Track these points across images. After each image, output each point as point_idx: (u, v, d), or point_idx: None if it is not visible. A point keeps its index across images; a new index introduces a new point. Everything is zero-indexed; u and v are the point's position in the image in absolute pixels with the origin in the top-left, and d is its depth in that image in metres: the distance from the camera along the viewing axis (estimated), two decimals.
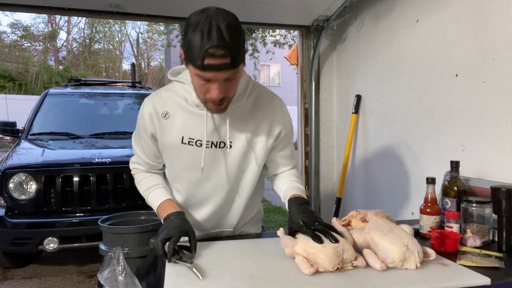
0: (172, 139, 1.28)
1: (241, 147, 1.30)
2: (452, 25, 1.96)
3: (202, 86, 1.12)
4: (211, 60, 1.04)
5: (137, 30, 36.16)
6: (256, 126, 1.32)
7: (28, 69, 19.67)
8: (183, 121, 1.27)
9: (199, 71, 1.07)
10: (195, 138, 1.27)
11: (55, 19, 24.44)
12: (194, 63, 1.06)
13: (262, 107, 1.33)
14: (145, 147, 1.37)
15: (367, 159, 2.82)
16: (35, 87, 18.81)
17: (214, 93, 1.11)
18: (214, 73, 1.07)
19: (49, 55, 24.95)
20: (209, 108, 1.20)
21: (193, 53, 1.05)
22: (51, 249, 3.05)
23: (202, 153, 1.27)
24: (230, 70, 1.08)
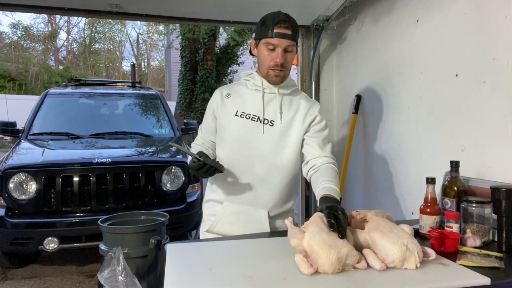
0: (229, 112, 1.58)
1: (281, 126, 1.56)
2: (452, 25, 1.96)
3: (268, 56, 1.50)
4: (279, 29, 1.48)
5: (137, 30, 36.14)
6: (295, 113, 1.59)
7: (28, 69, 19.67)
8: (241, 99, 1.59)
9: (269, 39, 1.48)
10: (246, 112, 1.56)
11: (55, 19, 24.44)
12: (266, 34, 1.49)
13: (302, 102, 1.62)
14: (206, 125, 1.67)
15: (367, 159, 2.82)
16: (35, 87, 18.80)
17: (277, 56, 1.49)
18: (280, 39, 1.47)
19: (49, 55, 24.94)
20: (270, 76, 1.53)
21: (265, 27, 1.49)
22: (51, 249, 3.05)
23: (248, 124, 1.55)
24: (290, 41, 1.49)
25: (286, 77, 1.59)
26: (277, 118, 1.56)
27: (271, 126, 1.56)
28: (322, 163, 1.54)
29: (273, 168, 1.56)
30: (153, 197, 3.40)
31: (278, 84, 1.57)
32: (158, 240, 2.26)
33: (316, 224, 1.14)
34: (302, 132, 1.58)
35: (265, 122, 1.56)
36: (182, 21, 3.10)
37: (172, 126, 4.61)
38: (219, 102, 1.60)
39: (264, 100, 1.57)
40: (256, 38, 1.55)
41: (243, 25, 3.19)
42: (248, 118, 1.56)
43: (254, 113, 1.56)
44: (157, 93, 5.26)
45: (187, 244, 1.34)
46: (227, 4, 2.72)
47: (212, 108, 1.62)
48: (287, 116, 1.58)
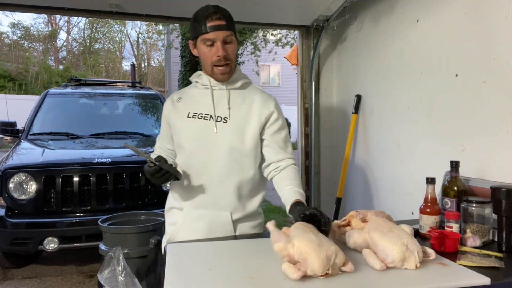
0: (181, 115, 1.54)
1: (235, 122, 1.50)
2: (452, 25, 1.96)
3: (208, 52, 1.45)
4: (211, 22, 1.42)
5: (137, 30, 36.15)
6: (249, 108, 1.54)
7: (28, 69, 19.66)
8: (191, 101, 1.56)
9: (204, 35, 1.42)
10: (198, 112, 1.52)
11: (55, 19, 24.43)
12: (200, 32, 1.43)
13: (256, 96, 1.57)
14: (162, 135, 1.64)
15: (367, 159, 2.82)
16: (35, 87, 18.80)
17: (218, 51, 1.43)
18: (215, 32, 1.42)
19: (49, 55, 24.94)
20: (215, 74, 1.49)
21: (198, 25, 1.44)
22: (51, 249, 3.05)
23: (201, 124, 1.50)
24: (226, 31, 1.43)
25: (233, 71, 1.54)
26: (229, 114, 1.51)
27: (224, 123, 1.50)
28: (285, 166, 1.52)
29: (229, 167, 1.48)
30: (153, 197, 3.40)
31: (226, 80, 1.52)
32: (158, 240, 2.26)
33: (300, 228, 1.13)
34: (258, 129, 1.51)
35: (217, 119, 1.50)
36: (182, 21, 3.10)
37: None
38: (170, 108, 1.57)
39: (214, 97, 1.52)
40: (192, 38, 1.50)
41: (243, 25, 3.20)
42: (201, 118, 1.51)
43: (206, 112, 1.51)
44: (157, 93, 5.26)
45: (187, 244, 1.34)
46: (227, 4, 2.71)
47: (165, 116, 1.59)
48: (240, 111, 1.52)
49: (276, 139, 1.54)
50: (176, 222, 1.55)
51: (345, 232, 1.30)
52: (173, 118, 1.55)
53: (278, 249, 1.09)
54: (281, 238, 1.10)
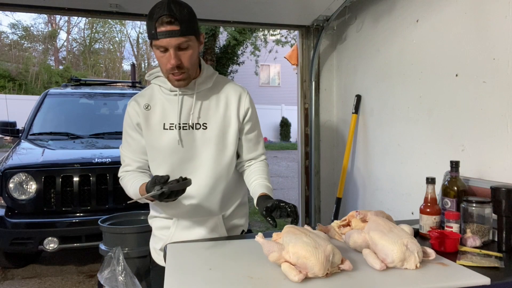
0: (155, 127, 1.41)
1: (215, 128, 1.43)
2: (452, 25, 1.96)
3: (162, 58, 1.31)
4: (162, 27, 1.25)
5: (137, 30, 36.16)
6: (226, 109, 1.46)
7: (28, 69, 19.65)
8: (162, 109, 1.42)
9: (155, 41, 1.27)
10: (175, 122, 1.40)
11: (55, 19, 24.43)
12: (152, 36, 1.27)
13: (230, 94, 1.48)
14: (132, 145, 1.46)
15: (367, 159, 2.82)
16: (35, 87, 18.79)
17: (170, 59, 1.29)
18: (166, 39, 1.25)
19: (49, 55, 24.94)
20: (171, 81, 1.36)
21: (150, 27, 1.27)
22: (51, 249, 3.05)
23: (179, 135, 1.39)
24: (180, 37, 1.26)
25: (192, 76, 1.39)
26: (208, 119, 1.43)
27: (204, 129, 1.42)
28: (256, 162, 1.54)
29: (217, 173, 1.44)
30: None
31: (183, 86, 1.38)
32: None
33: (291, 232, 1.12)
34: (237, 130, 1.47)
35: (196, 127, 1.42)
36: None
37: None
38: (140, 114, 1.41)
39: (186, 103, 1.41)
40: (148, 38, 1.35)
41: (243, 25, 3.19)
42: (179, 129, 1.40)
43: (183, 121, 1.40)
44: None
45: (187, 244, 1.34)
46: (227, 4, 2.72)
47: (134, 124, 1.43)
48: (218, 114, 1.44)
49: (249, 137, 1.52)
50: (168, 226, 1.48)
51: (345, 232, 1.31)
52: (146, 129, 1.41)
53: (274, 259, 1.07)
54: (274, 247, 1.09)
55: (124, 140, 1.49)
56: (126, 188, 1.44)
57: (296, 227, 1.16)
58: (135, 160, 1.47)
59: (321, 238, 1.10)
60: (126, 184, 1.44)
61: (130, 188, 1.41)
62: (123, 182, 1.47)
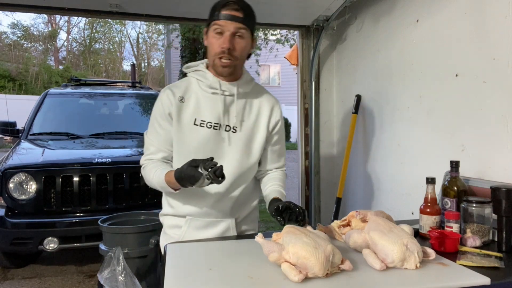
0: (186, 120, 1.41)
1: (244, 133, 1.44)
2: (452, 25, 1.96)
3: (215, 41, 1.34)
4: (226, 10, 1.33)
5: (137, 30, 36.16)
6: (258, 116, 1.47)
7: (28, 69, 19.66)
8: (196, 104, 1.42)
9: (216, 21, 1.33)
10: (206, 120, 1.40)
11: (55, 19, 24.43)
12: (213, 18, 1.34)
13: (264, 102, 1.50)
14: (161, 134, 1.44)
15: (367, 159, 2.82)
16: (35, 87, 18.79)
17: (225, 41, 1.33)
18: (227, 21, 1.32)
19: (49, 55, 24.94)
20: (217, 66, 1.37)
21: (213, 12, 1.35)
22: (51, 249, 3.05)
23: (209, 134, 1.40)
24: (240, 24, 1.33)
25: (237, 69, 1.41)
26: (239, 123, 1.43)
27: (233, 133, 1.43)
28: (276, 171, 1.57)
29: (239, 177, 1.45)
30: (153, 197, 3.40)
31: (226, 75, 1.40)
32: (158, 240, 2.26)
33: (291, 232, 1.12)
34: (265, 138, 1.48)
35: (226, 129, 1.42)
36: (182, 21, 3.11)
37: None
38: (173, 104, 1.40)
39: (222, 104, 1.41)
40: (206, 25, 1.40)
41: None
42: (210, 127, 1.40)
43: (215, 120, 1.40)
44: (157, 93, 5.25)
45: (187, 244, 1.34)
46: None
47: (167, 111, 1.41)
48: (249, 120, 1.45)
49: (274, 148, 1.54)
50: (180, 225, 1.48)
51: (345, 232, 1.31)
52: (176, 121, 1.41)
53: (274, 260, 1.07)
54: (274, 247, 1.08)
55: (151, 128, 1.46)
56: (149, 176, 1.42)
57: (296, 227, 1.16)
58: (162, 150, 1.45)
59: (321, 238, 1.10)
60: (149, 173, 1.42)
61: (153, 177, 1.40)
62: (145, 171, 1.45)
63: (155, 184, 1.40)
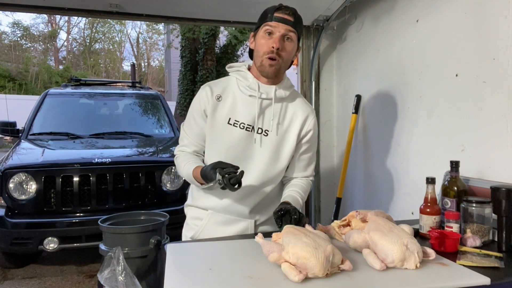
0: (220, 119, 1.44)
1: (276, 137, 1.46)
2: (452, 25, 1.96)
3: (265, 42, 1.39)
4: (279, 13, 1.39)
5: (137, 30, 36.14)
6: (291, 122, 1.49)
7: (28, 69, 19.66)
8: (232, 103, 1.45)
9: (268, 23, 1.39)
10: (240, 120, 1.44)
11: (55, 19, 24.43)
12: (265, 20, 1.40)
13: (299, 110, 1.51)
14: (195, 130, 1.49)
15: (367, 159, 2.82)
16: (35, 87, 18.79)
17: (274, 41, 1.37)
18: (278, 23, 1.38)
19: (49, 55, 24.93)
20: (264, 65, 1.40)
21: (265, 15, 1.41)
22: (51, 249, 3.05)
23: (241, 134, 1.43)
24: (291, 27, 1.39)
25: (281, 71, 1.46)
26: (272, 128, 1.46)
27: (265, 136, 1.45)
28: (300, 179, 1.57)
29: (265, 180, 1.48)
30: (153, 197, 3.40)
31: (271, 76, 1.43)
32: (158, 240, 2.26)
33: (290, 232, 1.11)
34: (295, 145, 1.50)
35: (258, 131, 1.45)
36: (182, 21, 3.10)
37: (172, 126, 4.61)
38: (210, 101, 1.45)
39: (259, 107, 1.44)
40: (255, 28, 1.46)
41: (243, 25, 3.19)
42: (242, 128, 1.44)
43: (248, 122, 1.44)
44: (157, 93, 5.26)
45: (187, 244, 1.34)
46: (227, 4, 2.72)
47: (202, 110, 1.47)
48: (282, 126, 1.48)
49: (303, 157, 1.55)
50: (201, 217, 1.52)
51: (345, 232, 1.31)
52: (210, 117, 1.45)
53: (274, 260, 1.07)
54: (273, 248, 1.08)
55: (188, 121, 1.52)
56: (180, 167, 1.49)
57: (296, 227, 1.16)
58: (194, 144, 1.51)
59: (321, 238, 1.10)
60: (180, 164, 1.49)
61: (183, 169, 1.46)
62: (178, 161, 1.52)
63: (184, 175, 1.48)
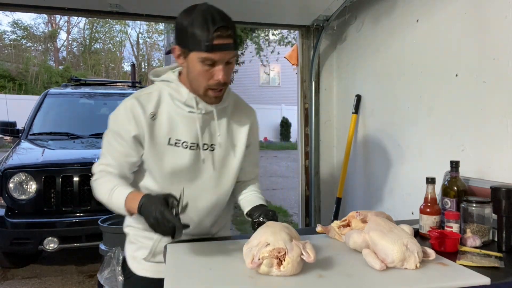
0: (159, 140, 1.27)
1: (223, 150, 1.34)
2: (452, 25, 1.96)
3: (205, 72, 1.17)
4: (219, 40, 1.13)
5: (137, 30, 36.17)
6: (237, 131, 1.38)
7: (28, 69, 19.66)
8: (169, 121, 1.27)
9: (207, 54, 1.14)
10: (182, 139, 1.27)
11: (55, 19, 24.44)
12: (201, 48, 1.13)
13: (241, 113, 1.40)
14: (119, 149, 1.26)
15: (367, 159, 2.82)
16: (35, 87, 18.79)
17: (219, 74, 1.17)
18: (221, 53, 1.15)
19: (49, 55, 24.95)
20: (208, 97, 1.24)
21: (199, 39, 1.13)
22: (51, 249, 3.05)
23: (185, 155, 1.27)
24: (233, 51, 1.18)
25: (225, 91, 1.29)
26: (217, 141, 1.31)
27: (211, 151, 1.32)
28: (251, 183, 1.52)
29: (218, 197, 1.37)
30: None
31: (218, 103, 1.28)
32: None
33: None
34: (244, 153, 1.39)
35: (204, 147, 1.30)
36: None
37: None
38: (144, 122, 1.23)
39: (198, 122, 1.27)
40: (183, 46, 1.18)
41: (243, 25, 3.20)
42: (186, 147, 1.27)
43: (191, 140, 1.27)
44: None
45: (187, 244, 1.34)
46: (227, 4, 2.71)
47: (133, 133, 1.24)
48: (228, 136, 1.35)
49: (251, 159, 1.46)
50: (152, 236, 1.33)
51: (345, 233, 1.31)
52: (150, 142, 1.25)
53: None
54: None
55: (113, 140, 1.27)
56: (105, 188, 1.25)
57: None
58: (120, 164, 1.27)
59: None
60: (106, 185, 1.25)
61: (109, 194, 1.23)
62: (100, 181, 1.29)
63: (110, 198, 1.23)
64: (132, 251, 1.41)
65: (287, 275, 1.03)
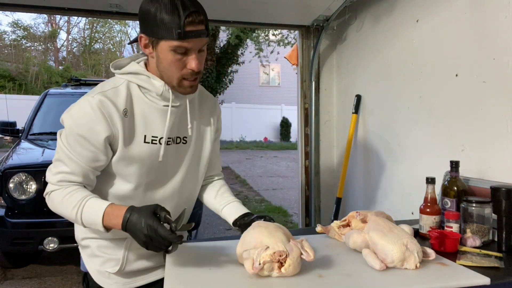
0: (134, 139, 1.16)
1: (194, 142, 1.30)
2: (452, 25, 1.96)
3: (178, 62, 1.10)
4: (191, 26, 1.06)
5: (137, 30, 36.14)
6: (204, 121, 1.34)
7: (28, 69, 19.65)
8: (143, 117, 1.17)
9: (179, 42, 1.05)
10: (158, 135, 1.19)
11: (55, 19, 24.44)
12: (172, 36, 1.05)
13: (207, 102, 1.37)
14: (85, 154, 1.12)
15: (367, 159, 2.82)
16: (35, 87, 18.78)
17: (193, 63, 1.10)
18: (194, 40, 1.07)
19: (49, 55, 24.95)
20: (184, 87, 1.15)
21: (169, 26, 1.04)
22: (51, 249, 3.05)
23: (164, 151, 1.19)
24: (205, 38, 1.11)
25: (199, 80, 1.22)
26: (190, 133, 1.25)
27: (184, 144, 1.26)
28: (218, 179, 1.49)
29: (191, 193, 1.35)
30: None
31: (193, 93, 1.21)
32: None
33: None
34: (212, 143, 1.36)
35: (177, 141, 1.24)
36: None
37: None
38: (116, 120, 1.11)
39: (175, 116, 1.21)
40: (151, 35, 1.08)
41: (243, 25, 3.19)
42: (162, 143, 1.19)
43: (167, 135, 1.19)
44: None
45: (187, 244, 1.34)
46: (227, 4, 2.72)
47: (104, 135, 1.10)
48: (199, 127, 1.31)
49: (216, 150, 1.43)
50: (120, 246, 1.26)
51: (345, 233, 1.31)
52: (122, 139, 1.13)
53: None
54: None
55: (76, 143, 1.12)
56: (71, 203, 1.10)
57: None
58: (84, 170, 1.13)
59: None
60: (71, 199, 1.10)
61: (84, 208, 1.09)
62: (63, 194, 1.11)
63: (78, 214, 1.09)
64: (97, 265, 1.27)
65: (288, 276, 1.02)
